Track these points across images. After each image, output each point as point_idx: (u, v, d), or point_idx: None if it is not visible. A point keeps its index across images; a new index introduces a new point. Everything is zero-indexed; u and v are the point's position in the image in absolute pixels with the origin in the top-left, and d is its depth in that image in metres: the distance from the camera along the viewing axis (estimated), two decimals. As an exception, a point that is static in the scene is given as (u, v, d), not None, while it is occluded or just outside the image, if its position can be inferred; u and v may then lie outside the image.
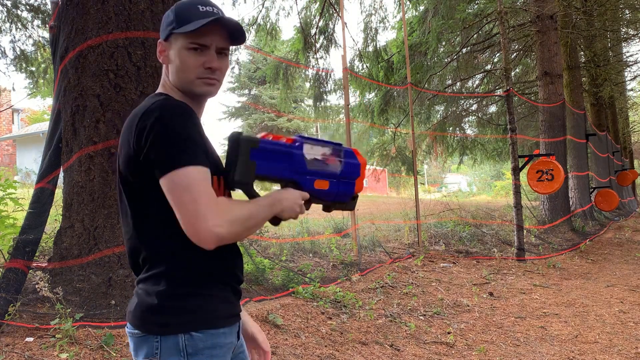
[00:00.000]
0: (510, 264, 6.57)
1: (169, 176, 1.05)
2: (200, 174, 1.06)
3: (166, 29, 1.22)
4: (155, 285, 1.13)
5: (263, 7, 11.07)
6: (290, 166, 1.20)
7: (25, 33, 8.04)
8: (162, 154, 1.06)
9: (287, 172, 1.20)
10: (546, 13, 9.25)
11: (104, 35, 3.39)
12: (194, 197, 1.03)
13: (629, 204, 17.40)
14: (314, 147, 1.25)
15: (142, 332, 1.13)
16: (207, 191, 1.06)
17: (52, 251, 3.63)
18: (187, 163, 1.05)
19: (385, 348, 3.42)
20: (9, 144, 24.59)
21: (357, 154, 1.34)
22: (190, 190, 1.04)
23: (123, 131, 1.18)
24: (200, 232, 1.04)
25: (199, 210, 1.03)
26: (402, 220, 8.91)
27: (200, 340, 1.12)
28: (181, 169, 1.04)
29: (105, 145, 3.35)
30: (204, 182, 1.06)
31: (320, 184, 1.27)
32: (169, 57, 1.22)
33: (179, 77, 1.20)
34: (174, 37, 1.20)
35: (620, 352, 3.47)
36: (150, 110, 1.10)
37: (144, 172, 1.11)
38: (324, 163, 1.26)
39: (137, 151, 1.10)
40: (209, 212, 1.03)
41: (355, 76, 11.34)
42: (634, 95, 26.06)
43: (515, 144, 7.09)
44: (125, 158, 1.14)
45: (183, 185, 1.04)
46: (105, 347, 2.66)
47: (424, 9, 11.81)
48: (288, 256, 5.68)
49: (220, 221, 1.04)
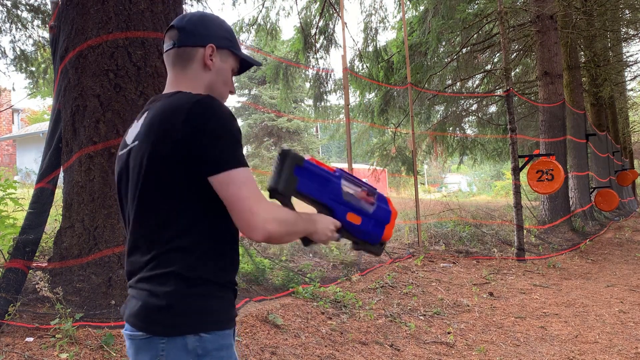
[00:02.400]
0: (510, 264, 6.57)
1: (227, 174, 1.10)
2: (251, 175, 1.14)
3: (223, 40, 1.29)
4: (161, 285, 1.11)
5: (263, 7, 11.07)
6: (327, 192, 1.28)
7: (25, 33, 8.03)
8: (220, 152, 1.11)
9: (324, 197, 1.28)
10: (546, 13, 9.25)
11: (104, 35, 3.39)
12: (250, 194, 1.11)
13: (629, 204, 17.39)
14: (351, 182, 1.32)
15: (147, 334, 1.11)
16: (258, 190, 1.13)
17: (52, 251, 3.63)
18: (243, 164, 1.13)
19: (385, 348, 3.42)
20: (9, 144, 24.58)
21: (390, 203, 1.41)
22: (246, 187, 1.11)
23: (155, 127, 1.15)
24: (253, 225, 1.10)
25: (253, 205, 1.10)
26: (402, 220, 8.92)
27: (209, 341, 1.12)
28: (239, 169, 1.12)
29: (105, 145, 3.35)
30: (254, 182, 1.14)
31: (353, 217, 1.33)
32: (214, 64, 1.28)
33: (219, 88, 1.30)
34: (227, 52, 1.30)
35: (620, 352, 3.47)
36: (200, 105, 1.13)
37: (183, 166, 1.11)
38: (358, 199, 1.33)
39: (187, 145, 1.10)
40: (263, 209, 1.11)
41: (355, 76, 11.34)
42: (634, 95, 26.05)
43: (515, 144, 7.09)
44: (167, 153, 1.12)
45: (239, 182, 1.11)
46: (105, 347, 2.66)
47: (424, 9, 11.80)
48: (288, 256, 5.68)
49: (272, 218, 1.12)
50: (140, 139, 1.18)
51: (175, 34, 1.27)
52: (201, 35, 1.26)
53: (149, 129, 1.17)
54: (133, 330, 1.13)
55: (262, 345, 3.09)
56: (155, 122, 1.16)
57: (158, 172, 1.13)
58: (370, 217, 1.34)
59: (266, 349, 3.05)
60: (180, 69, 1.27)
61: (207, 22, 1.28)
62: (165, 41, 1.30)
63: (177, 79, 1.27)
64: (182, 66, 1.26)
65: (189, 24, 1.27)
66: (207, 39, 1.26)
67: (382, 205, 1.37)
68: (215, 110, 1.13)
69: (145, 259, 1.15)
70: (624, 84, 18.74)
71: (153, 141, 1.14)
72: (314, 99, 12.30)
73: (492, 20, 10.85)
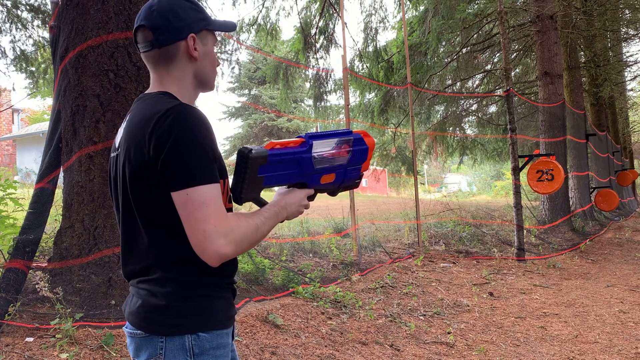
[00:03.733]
0: (510, 264, 6.57)
1: (183, 192, 1.04)
2: (214, 192, 1.06)
3: (198, 23, 1.22)
4: (160, 286, 1.12)
5: (263, 7, 11.07)
6: (298, 171, 1.21)
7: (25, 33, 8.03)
8: (180, 168, 1.04)
9: (294, 177, 1.22)
10: (546, 13, 9.25)
11: (104, 35, 3.39)
12: (206, 217, 1.04)
13: (629, 204, 17.39)
14: (323, 142, 1.24)
15: (146, 333, 1.12)
16: (218, 210, 1.06)
17: (52, 251, 3.63)
18: (202, 182, 1.05)
19: (385, 348, 3.42)
20: (9, 144, 24.59)
21: (366, 137, 1.33)
22: (202, 209, 1.04)
23: (131, 135, 1.13)
24: (206, 252, 1.05)
25: (207, 230, 1.03)
26: (402, 220, 8.92)
27: (207, 340, 1.12)
28: (196, 188, 1.04)
29: (105, 145, 3.35)
30: (216, 200, 1.06)
31: (327, 178, 1.28)
32: (199, 52, 1.22)
33: (210, 72, 1.25)
34: (205, 32, 1.24)
35: (620, 352, 3.47)
36: (167, 115, 1.07)
37: (158, 181, 1.08)
38: (332, 158, 1.27)
39: (154, 158, 1.06)
40: (217, 234, 1.04)
41: (355, 76, 11.34)
42: (634, 95, 26.05)
43: (515, 144, 7.09)
44: (137, 164, 1.09)
45: (197, 203, 1.04)
46: (105, 347, 2.66)
47: (424, 9, 11.80)
48: (288, 256, 5.68)
49: (227, 242, 1.05)
50: (122, 147, 1.16)
51: (150, 35, 1.19)
52: (178, 29, 1.18)
53: (126, 137, 1.14)
54: (133, 329, 1.14)
55: (262, 345, 3.09)
56: (131, 132, 1.13)
57: (135, 185, 1.11)
58: (346, 166, 1.29)
59: (266, 349, 3.05)
60: (164, 69, 1.21)
61: (177, 10, 1.19)
62: (139, 41, 1.21)
63: (162, 79, 1.22)
64: (166, 65, 1.21)
65: (160, 19, 1.18)
66: (185, 29, 1.19)
67: (357, 149, 1.30)
68: (181, 120, 1.06)
69: (140, 265, 1.15)
70: (624, 84, 18.73)
71: (128, 151, 1.12)
72: (314, 99, 12.31)
73: (492, 20, 10.85)
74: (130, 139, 1.12)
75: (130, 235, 1.17)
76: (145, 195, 1.11)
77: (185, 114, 1.08)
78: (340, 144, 1.27)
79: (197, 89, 1.26)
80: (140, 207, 1.12)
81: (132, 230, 1.16)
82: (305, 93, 25.22)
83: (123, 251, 1.20)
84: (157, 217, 1.12)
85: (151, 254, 1.13)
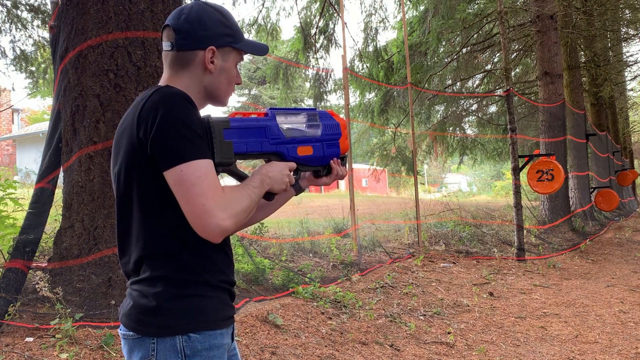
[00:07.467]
0: (510, 264, 6.57)
1: (176, 169, 1.05)
2: (207, 167, 1.07)
3: (223, 38, 1.21)
4: (151, 287, 1.12)
5: (263, 7, 11.08)
6: (268, 139, 1.22)
7: (25, 33, 8.04)
8: (171, 145, 1.05)
9: (266, 146, 1.22)
10: (546, 13, 9.25)
11: (104, 35, 3.39)
12: (204, 191, 1.04)
13: (629, 204, 17.39)
14: (287, 117, 1.26)
15: (138, 334, 1.11)
16: (214, 185, 1.06)
17: (52, 251, 3.63)
18: (195, 157, 1.05)
19: (385, 348, 3.42)
20: (9, 144, 24.59)
21: (334, 115, 1.35)
22: (199, 184, 1.04)
23: (123, 122, 1.15)
24: (208, 227, 1.05)
25: (206, 205, 1.04)
26: (402, 220, 8.92)
27: (198, 341, 1.12)
28: (189, 163, 1.04)
29: (105, 145, 3.35)
30: (210, 174, 1.06)
31: (304, 150, 1.28)
32: (215, 67, 1.22)
33: (221, 88, 1.24)
34: (229, 49, 1.23)
35: (620, 352, 3.47)
36: (153, 99, 1.09)
37: (148, 165, 1.08)
38: (301, 130, 1.28)
39: (144, 138, 1.07)
40: (217, 207, 1.04)
41: (355, 76, 11.34)
42: (634, 95, 26.05)
43: (515, 144, 7.09)
44: (129, 151, 1.11)
45: (192, 179, 1.04)
46: (105, 347, 2.66)
47: (424, 9, 11.80)
48: (288, 256, 5.68)
49: (227, 215, 1.06)
50: (117, 135, 1.18)
51: (173, 35, 1.20)
52: (200, 38, 1.19)
53: (120, 124, 1.17)
54: (126, 330, 1.14)
55: (262, 345, 3.09)
56: (124, 119, 1.16)
57: (127, 170, 1.12)
58: (320, 140, 1.30)
59: (266, 349, 3.05)
60: (176, 71, 1.22)
61: (205, 20, 1.19)
62: (163, 40, 1.24)
63: (171, 79, 1.22)
64: (179, 69, 1.21)
65: (186, 24, 1.19)
66: (207, 40, 1.19)
67: (327, 122, 1.32)
68: (167, 99, 1.07)
69: (133, 263, 1.16)
70: (624, 84, 18.73)
71: (122, 136, 1.14)
72: (314, 98, 12.32)
73: (492, 20, 10.85)
74: (124, 125, 1.15)
75: (124, 227, 1.17)
76: (137, 182, 1.12)
77: (170, 93, 1.10)
78: (306, 117, 1.30)
79: (206, 100, 1.25)
80: (131, 194, 1.13)
81: (125, 221, 1.17)
82: (305, 93, 25.23)
83: (118, 245, 1.21)
84: (146, 205, 1.12)
85: (139, 243, 1.13)
